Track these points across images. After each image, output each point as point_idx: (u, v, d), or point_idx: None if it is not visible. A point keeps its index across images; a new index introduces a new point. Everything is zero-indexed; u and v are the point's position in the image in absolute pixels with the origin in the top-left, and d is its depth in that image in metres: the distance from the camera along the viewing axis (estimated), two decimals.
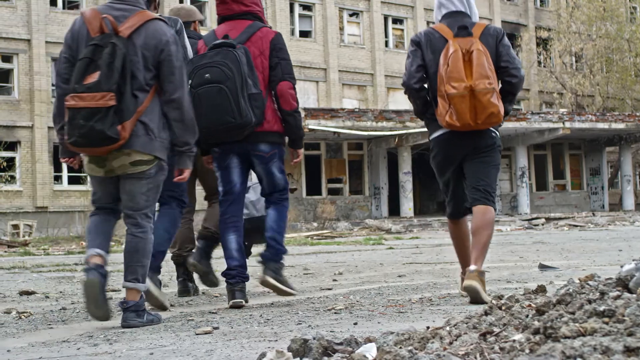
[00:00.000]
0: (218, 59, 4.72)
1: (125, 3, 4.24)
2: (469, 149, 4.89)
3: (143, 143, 4.09)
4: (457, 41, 4.75)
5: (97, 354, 3.29)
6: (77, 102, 3.97)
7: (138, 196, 4.17)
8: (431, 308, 4.51)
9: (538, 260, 8.64)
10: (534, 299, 2.86)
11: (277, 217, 4.95)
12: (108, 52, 3.99)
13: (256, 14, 5.02)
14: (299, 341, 2.92)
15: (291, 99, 4.88)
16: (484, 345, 2.36)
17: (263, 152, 4.90)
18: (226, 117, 4.68)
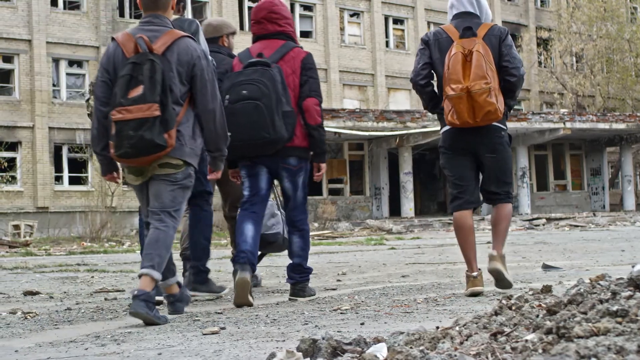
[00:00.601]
0: (255, 77, 4.96)
1: (155, 24, 4.49)
2: (477, 145, 5.18)
3: (175, 148, 4.32)
4: (461, 42, 5.01)
5: (105, 354, 3.29)
6: (124, 115, 4.21)
7: (164, 195, 4.39)
8: (437, 308, 4.51)
9: (541, 260, 8.64)
10: (543, 299, 2.86)
11: (302, 245, 5.23)
12: (148, 68, 4.25)
13: (289, 34, 5.29)
14: (308, 341, 2.92)
15: (316, 114, 5.13)
16: (495, 345, 2.36)
17: (291, 166, 5.15)
18: (262, 132, 4.93)
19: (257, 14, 5.29)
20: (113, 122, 4.27)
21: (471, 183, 5.26)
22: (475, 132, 5.12)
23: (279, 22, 5.26)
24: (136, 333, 3.88)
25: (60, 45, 29.20)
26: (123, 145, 4.24)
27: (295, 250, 5.21)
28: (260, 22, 5.27)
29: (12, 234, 25.31)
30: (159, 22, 4.51)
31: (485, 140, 5.15)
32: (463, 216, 5.23)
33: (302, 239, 5.23)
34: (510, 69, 5.06)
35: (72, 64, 29.81)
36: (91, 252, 15.41)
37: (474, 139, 5.15)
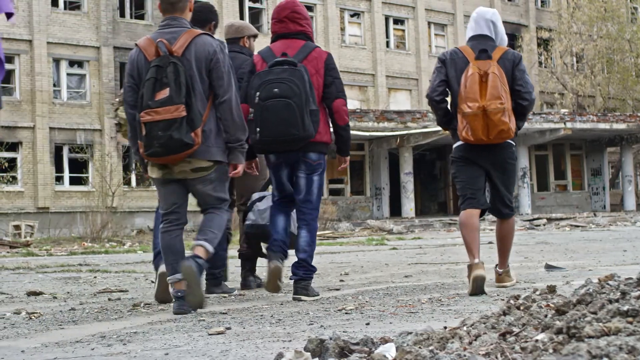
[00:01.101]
0: (285, 76, 5.12)
1: (173, 26, 4.72)
2: (490, 161, 5.55)
3: (202, 151, 4.59)
4: (477, 63, 5.33)
5: (112, 354, 3.29)
6: (153, 117, 4.47)
7: (207, 198, 4.76)
8: (442, 308, 4.51)
9: (543, 260, 8.63)
10: (551, 299, 2.86)
11: (309, 240, 5.32)
12: (172, 70, 4.51)
13: (308, 34, 5.48)
14: (315, 341, 2.92)
15: (345, 115, 5.39)
16: (504, 345, 2.36)
17: (311, 160, 5.33)
18: (292, 129, 5.09)
19: (280, 13, 5.43)
20: (142, 123, 4.51)
21: (481, 189, 5.58)
22: (488, 149, 5.48)
23: (300, 21, 5.42)
24: (142, 333, 3.88)
25: (60, 46, 29.20)
26: (153, 145, 4.49)
27: (302, 246, 5.29)
28: (283, 20, 5.41)
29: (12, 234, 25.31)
30: (177, 23, 4.72)
31: (496, 156, 5.52)
32: (471, 215, 5.50)
33: (310, 234, 5.33)
34: (523, 93, 5.43)
35: (73, 64, 29.80)
36: (92, 252, 15.41)
37: (486, 155, 5.51)
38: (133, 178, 29.94)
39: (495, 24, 5.60)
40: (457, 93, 5.38)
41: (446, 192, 35.78)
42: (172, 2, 4.75)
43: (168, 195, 4.77)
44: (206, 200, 4.75)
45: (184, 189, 4.78)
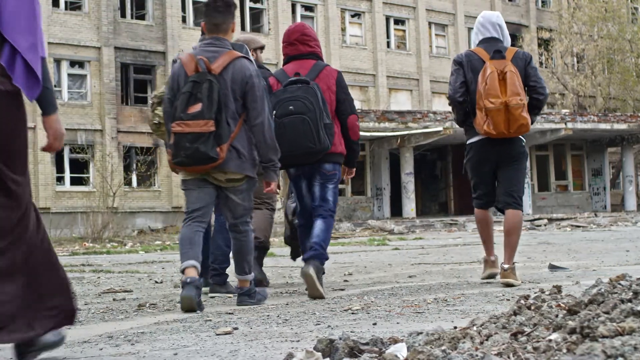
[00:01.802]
0: (299, 94, 5.48)
1: (215, 45, 5.04)
2: (501, 154, 5.94)
3: (236, 165, 4.93)
4: (492, 63, 5.75)
5: (120, 354, 3.29)
6: (183, 128, 4.80)
7: (237, 209, 5.05)
8: (448, 308, 4.52)
9: (546, 260, 8.64)
10: (561, 299, 2.86)
11: (324, 227, 5.58)
12: (206, 87, 4.82)
13: (317, 54, 5.83)
14: (325, 341, 2.92)
15: (357, 130, 5.79)
16: (516, 345, 2.36)
17: (326, 170, 5.66)
18: (308, 143, 5.44)
19: (290, 37, 5.80)
20: (172, 133, 4.86)
21: (491, 187, 6.10)
22: (502, 143, 5.89)
23: (309, 43, 5.79)
24: (149, 333, 3.88)
25: (61, 46, 29.21)
26: (179, 155, 4.84)
27: (315, 232, 5.54)
28: (293, 43, 5.78)
29: None
30: (219, 44, 5.06)
31: (510, 149, 5.93)
32: (484, 212, 6.17)
33: (325, 224, 5.58)
34: (538, 87, 5.88)
35: (74, 65, 29.80)
36: (94, 252, 15.41)
37: (501, 148, 5.92)
38: (134, 178, 29.96)
39: (501, 26, 6.01)
40: (475, 92, 5.79)
41: (447, 192, 35.78)
42: (217, 23, 5.09)
43: (201, 197, 5.03)
44: (234, 210, 5.06)
45: (214, 193, 5.08)
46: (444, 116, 28.72)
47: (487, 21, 6.00)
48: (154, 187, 30.40)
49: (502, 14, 39.90)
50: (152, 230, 28.41)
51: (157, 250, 15.56)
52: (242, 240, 5.08)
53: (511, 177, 5.96)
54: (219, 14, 5.10)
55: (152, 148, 29.93)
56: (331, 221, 5.66)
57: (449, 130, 28.05)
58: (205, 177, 4.98)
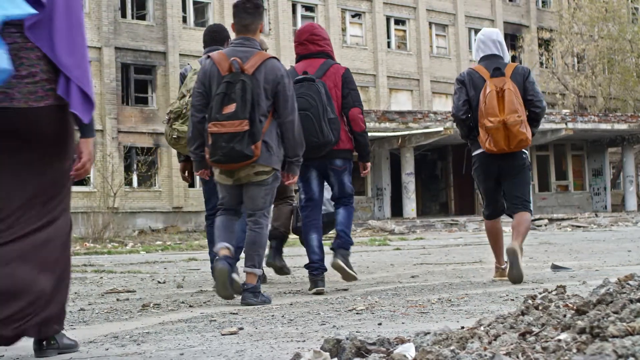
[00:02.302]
0: (303, 91, 5.71)
1: (246, 46, 5.22)
2: (503, 168, 6.25)
3: (265, 158, 5.11)
4: (492, 81, 6.05)
5: (126, 354, 3.29)
6: (219, 129, 4.99)
7: (258, 199, 5.19)
8: (452, 309, 4.52)
9: (548, 260, 8.65)
10: (568, 298, 2.86)
11: (346, 215, 6.00)
12: (240, 87, 5.00)
13: (328, 53, 6.06)
14: (332, 341, 2.92)
15: (361, 122, 5.96)
16: (525, 345, 2.36)
17: (337, 166, 5.96)
18: (311, 137, 5.64)
19: (300, 37, 6.07)
20: (209, 133, 5.05)
21: (499, 198, 6.39)
22: (505, 157, 6.20)
23: (319, 42, 6.03)
24: (154, 334, 3.88)
25: None
26: (217, 154, 5.03)
27: (339, 220, 5.99)
28: (303, 43, 6.04)
29: None
30: (249, 44, 5.25)
31: (510, 162, 6.23)
32: (494, 223, 6.43)
33: (347, 212, 6.00)
34: (536, 101, 6.16)
35: None
36: (95, 252, 15.41)
37: (503, 162, 6.23)
38: (134, 178, 29.96)
39: (501, 43, 6.31)
40: (477, 109, 6.11)
41: (447, 192, 35.79)
42: (246, 24, 5.27)
43: (233, 196, 5.28)
44: (256, 203, 5.21)
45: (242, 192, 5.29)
46: (444, 116, 28.73)
47: (487, 39, 6.31)
48: (154, 187, 30.40)
49: (503, 14, 40.03)
50: (152, 230, 28.41)
51: (159, 251, 15.56)
52: (257, 231, 5.20)
53: (515, 188, 6.28)
54: (248, 15, 5.28)
55: (152, 148, 29.94)
56: (351, 208, 6.04)
57: (449, 130, 28.05)
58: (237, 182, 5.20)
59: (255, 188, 5.19)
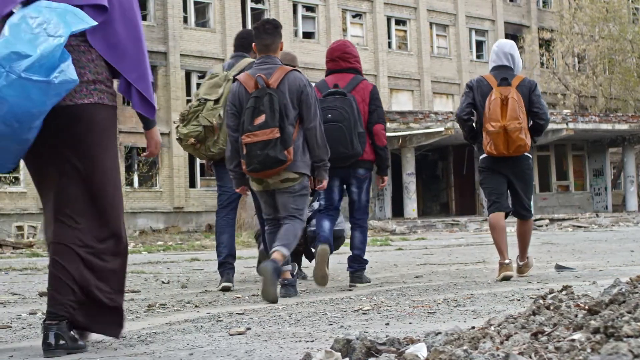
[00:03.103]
0: (337, 104, 6.16)
1: (268, 63, 5.64)
2: (510, 170, 6.62)
3: (291, 165, 5.45)
4: (499, 89, 6.44)
5: (136, 354, 3.29)
6: (252, 139, 5.36)
7: (288, 206, 5.57)
8: (459, 309, 4.52)
9: (551, 260, 8.65)
10: (578, 298, 2.86)
11: (362, 239, 6.46)
12: (268, 100, 5.39)
13: (357, 69, 6.49)
14: (341, 341, 2.93)
15: (383, 137, 6.43)
16: (537, 345, 2.36)
17: (360, 175, 6.41)
18: (342, 148, 6.07)
19: (332, 54, 6.49)
20: (243, 144, 5.41)
21: (504, 193, 6.70)
22: (508, 160, 6.58)
23: (350, 60, 6.45)
24: (162, 334, 3.89)
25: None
26: (252, 162, 5.38)
27: (356, 244, 6.41)
28: (335, 60, 6.47)
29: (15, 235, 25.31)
30: (271, 61, 5.66)
31: (516, 167, 6.60)
32: (498, 218, 6.62)
33: (362, 234, 6.43)
34: (541, 114, 6.53)
35: None
36: None
37: (507, 166, 6.60)
38: (135, 179, 29.95)
39: (513, 55, 6.65)
40: (483, 114, 6.49)
41: (448, 192, 35.79)
42: (267, 44, 5.68)
43: (270, 204, 5.68)
44: (287, 208, 5.57)
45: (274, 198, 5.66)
46: (445, 116, 28.74)
47: (500, 50, 6.68)
48: (155, 187, 30.40)
49: (504, 14, 40.03)
50: (153, 230, 28.40)
51: (160, 251, 15.56)
52: (290, 223, 5.53)
53: (521, 190, 6.69)
54: (268, 35, 5.69)
55: None
56: (366, 229, 6.50)
57: (450, 130, 28.05)
58: (266, 188, 5.57)
59: (284, 195, 5.55)
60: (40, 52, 3.12)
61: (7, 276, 8.96)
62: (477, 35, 39.87)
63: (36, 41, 3.14)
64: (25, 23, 3.18)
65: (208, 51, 31.49)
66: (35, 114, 3.21)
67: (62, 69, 3.17)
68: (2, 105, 3.14)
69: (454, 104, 38.21)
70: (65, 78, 3.17)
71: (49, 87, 3.15)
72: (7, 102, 3.13)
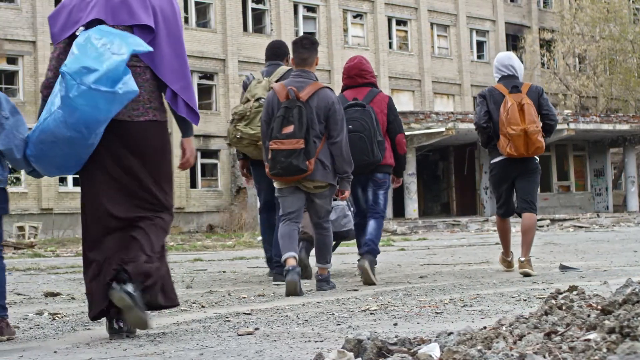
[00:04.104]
0: (357, 115, 6.58)
1: (302, 77, 6.11)
2: (519, 170, 7.16)
3: (322, 175, 5.99)
4: (511, 96, 7.00)
5: (146, 354, 3.29)
6: (279, 146, 5.85)
7: (322, 211, 6.13)
8: (466, 309, 4.52)
9: (554, 261, 8.65)
10: (589, 298, 2.86)
11: (376, 226, 6.74)
12: (297, 112, 5.86)
13: (373, 83, 6.95)
14: (352, 341, 2.93)
15: (404, 146, 6.95)
16: (551, 345, 2.37)
17: (378, 179, 6.81)
18: (363, 156, 6.51)
19: (350, 72, 6.91)
20: (270, 149, 5.89)
21: (511, 196, 7.34)
22: (520, 162, 7.13)
23: (366, 76, 6.91)
24: (170, 334, 3.89)
25: None
26: (276, 167, 5.88)
27: (369, 230, 6.72)
28: (352, 77, 6.90)
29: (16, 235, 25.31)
30: (306, 75, 6.13)
31: (524, 166, 7.16)
32: (504, 221, 7.44)
33: (377, 223, 6.75)
34: (550, 115, 7.12)
35: None
36: None
37: (517, 166, 7.15)
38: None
39: (513, 65, 7.24)
40: (498, 120, 7.01)
41: (449, 193, 35.78)
42: (304, 58, 6.17)
43: (295, 201, 6.08)
44: (319, 212, 6.13)
45: (304, 198, 6.11)
46: (446, 117, 28.73)
47: (500, 64, 7.29)
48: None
49: (504, 14, 40.05)
50: None
51: None
52: (325, 235, 6.18)
53: (527, 187, 7.18)
54: (305, 50, 6.19)
55: None
56: (381, 221, 6.82)
57: (451, 130, 28.06)
58: (297, 185, 6.02)
59: (317, 200, 6.08)
60: (107, 67, 3.61)
61: (10, 276, 8.95)
62: (477, 36, 39.88)
63: (102, 58, 3.63)
64: (90, 43, 3.68)
65: (209, 51, 31.49)
66: (102, 121, 3.69)
67: (125, 81, 3.65)
68: (74, 113, 3.62)
69: (455, 105, 38.22)
70: (128, 89, 3.66)
71: (114, 96, 3.63)
72: (78, 110, 3.61)
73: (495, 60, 7.44)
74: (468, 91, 38.55)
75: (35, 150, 3.81)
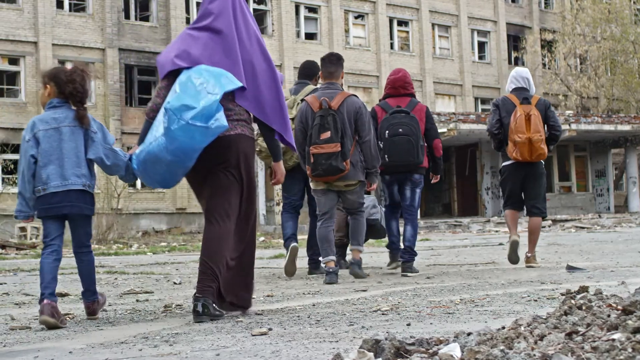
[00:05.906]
0: (406, 121, 7.49)
1: (331, 88, 7.01)
2: (527, 173, 7.95)
3: (352, 174, 6.92)
4: (522, 107, 7.76)
5: (161, 355, 3.29)
6: (319, 150, 6.74)
7: (353, 203, 7.08)
8: (477, 309, 4.52)
9: (560, 261, 8.66)
10: (607, 299, 2.86)
11: (413, 232, 7.72)
12: (331, 119, 6.73)
13: (413, 94, 7.84)
14: (370, 342, 2.93)
15: (440, 150, 7.83)
16: (573, 344, 2.37)
17: (415, 179, 7.73)
18: (410, 157, 7.48)
19: (395, 83, 7.75)
20: (311, 154, 6.76)
21: (519, 195, 8.08)
22: (527, 166, 7.91)
23: (408, 87, 7.79)
24: (184, 334, 3.89)
25: (66, 47, 29.20)
26: (317, 169, 6.77)
27: (407, 236, 7.65)
28: (396, 88, 7.75)
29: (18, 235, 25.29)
30: (334, 87, 7.04)
31: (531, 170, 7.93)
32: (512, 212, 8.18)
33: (413, 229, 7.70)
34: (556, 126, 7.92)
35: None
36: (102, 254, 15.38)
37: (524, 170, 7.93)
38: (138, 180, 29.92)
39: (529, 79, 8.02)
40: (508, 127, 7.77)
41: (450, 193, 35.78)
42: (331, 71, 7.08)
43: (327, 201, 7.00)
44: (352, 205, 7.07)
45: (336, 197, 7.04)
46: (447, 117, 28.73)
47: (518, 75, 8.03)
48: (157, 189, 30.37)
49: (506, 15, 40.08)
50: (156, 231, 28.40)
51: (165, 252, 15.56)
52: (358, 220, 7.11)
53: (535, 191, 7.99)
54: (332, 64, 7.09)
55: None
56: (416, 223, 7.73)
57: (452, 131, 28.06)
58: (329, 186, 6.91)
59: (349, 196, 7.00)
60: (203, 105, 4.27)
61: (16, 277, 8.96)
62: (479, 36, 39.89)
63: (199, 96, 4.28)
64: (190, 82, 4.34)
65: None
66: (197, 149, 4.37)
67: (217, 117, 4.31)
68: (174, 142, 4.30)
69: (456, 105, 38.23)
70: (219, 124, 4.32)
71: (208, 130, 4.30)
72: (177, 141, 4.30)
73: (514, 71, 8.16)
74: (469, 92, 38.56)
75: (141, 166, 4.57)
